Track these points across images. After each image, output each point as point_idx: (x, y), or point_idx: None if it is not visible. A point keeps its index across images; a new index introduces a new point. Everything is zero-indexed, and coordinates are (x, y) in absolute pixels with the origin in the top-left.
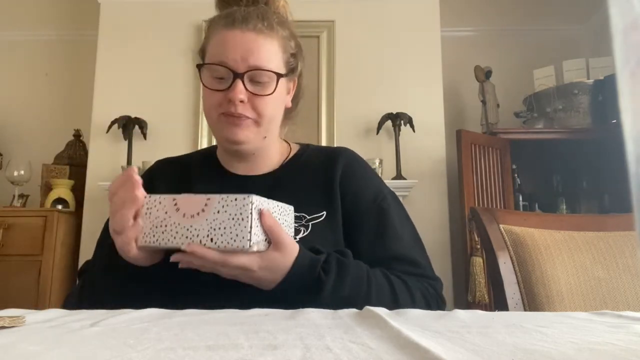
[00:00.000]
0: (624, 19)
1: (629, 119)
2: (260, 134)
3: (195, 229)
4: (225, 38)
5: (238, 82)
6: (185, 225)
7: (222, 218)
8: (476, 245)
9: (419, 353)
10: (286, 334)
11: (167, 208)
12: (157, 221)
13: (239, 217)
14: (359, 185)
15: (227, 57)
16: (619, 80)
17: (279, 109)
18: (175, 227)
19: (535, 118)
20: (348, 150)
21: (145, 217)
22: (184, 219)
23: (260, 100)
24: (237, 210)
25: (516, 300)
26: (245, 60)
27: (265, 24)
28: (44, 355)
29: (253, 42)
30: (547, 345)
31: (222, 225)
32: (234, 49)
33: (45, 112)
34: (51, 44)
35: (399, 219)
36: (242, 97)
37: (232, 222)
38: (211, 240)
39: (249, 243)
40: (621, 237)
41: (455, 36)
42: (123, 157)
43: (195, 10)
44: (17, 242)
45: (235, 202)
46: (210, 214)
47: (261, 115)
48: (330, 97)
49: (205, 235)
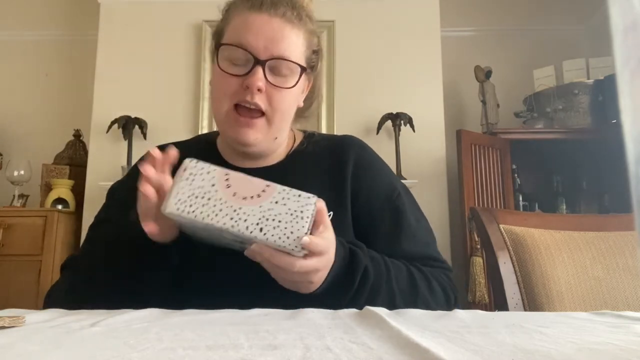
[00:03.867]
0: (624, 19)
1: (629, 119)
2: (272, 135)
3: (244, 213)
4: (249, 20)
5: (258, 68)
6: (233, 204)
7: (279, 210)
8: (476, 245)
9: (419, 353)
10: (286, 334)
11: (216, 181)
12: (199, 191)
13: (298, 214)
14: (372, 183)
15: (249, 42)
16: (619, 80)
17: (293, 107)
18: (221, 203)
19: (535, 118)
20: (356, 140)
21: (185, 182)
22: (234, 198)
23: (278, 93)
24: (298, 207)
25: (516, 300)
26: (268, 48)
27: (294, 13)
28: (44, 355)
29: (279, 30)
30: (547, 345)
31: (277, 218)
32: (258, 33)
33: (45, 112)
34: (51, 44)
35: (414, 216)
36: (260, 84)
37: (289, 217)
38: (260, 230)
39: (301, 245)
40: (621, 237)
41: (455, 36)
42: (123, 157)
43: (195, 10)
44: (17, 242)
45: (298, 199)
46: (266, 202)
47: (275, 109)
48: (330, 97)
49: (255, 222)
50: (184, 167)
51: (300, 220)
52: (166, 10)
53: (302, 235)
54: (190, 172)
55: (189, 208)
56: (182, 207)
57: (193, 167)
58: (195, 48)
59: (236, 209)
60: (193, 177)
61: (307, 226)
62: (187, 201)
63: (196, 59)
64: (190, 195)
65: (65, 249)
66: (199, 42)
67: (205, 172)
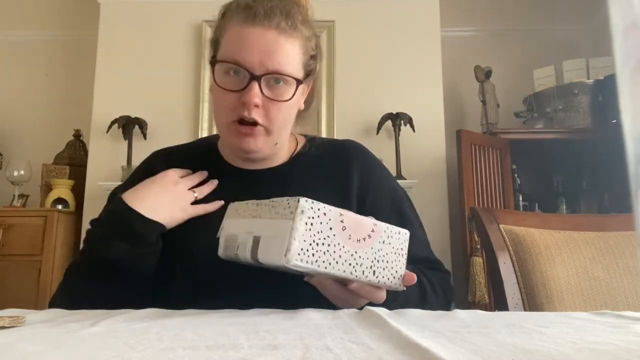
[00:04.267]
0: (624, 19)
1: (629, 119)
2: (271, 142)
3: (359, 257)
4: (243, 35)
5: (254, 84)
6: (349, 249)
7: (386, 250)
8: (476, 245)
9: (419, 353)
10: (286, 334)
11: (333, 224)
12: (319, 237)
13: (399, 252)
14: (377, 187)
15: (244, 57)
16: (619, 80)
17: (292, 115)
18: (340, 249)
19: (535, 118)
20: (358, 145)
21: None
22: (350, 241)
23: (275, 106)
24: (399, 245)
25: (516, 300)
26: (263, 63)
27: (289, 22)
28: (44, 355)
29: (274, 43)
30: (547, 345)
31: (385, 258)
32: (253, 49)
33: (45, 112)
34: (51, 44)
35: (416, 219)
36: (257, 101)
37: (395, 256)
38: (373, 273)
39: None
40: (621, 237)
41: (455, 36)
42: (123, 157)
43: (195, 10)
44: (17, 242)
45: (398, 236)
46: (375, 243)
47: (273, 122)
48: (330, 97)
49: (368, 266)
50: (301, 209)
51: (401, 258)
52: (166, 10)
53: (403, 273)
54: (309, 216)
55: (311, 258)
56: (305, 257)
57: (309, 208)
58: (195, 48)
59: (353, 254)
60: (312, 220)
61: (405, 263)
62: (310, 250)
63: (196, 59)
64: (311, 243)
65: (65, 249)
66: (199, 42)
67: (322, 214)
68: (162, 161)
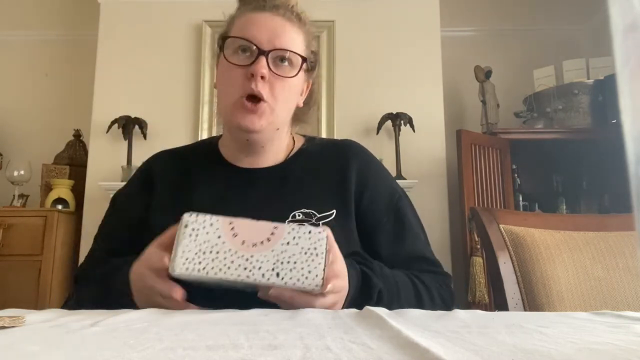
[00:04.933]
0: (624, 19)
1: (629, 119)
2: (274, 124)
3: (257, 260)
4: (253, 19)
5: (262, 58)
6: (244, 254)
7: (292, 251)
8: (476, 245)
9: (418, 353)
10: (286, 334)
11: (221, 232)
12: (205, 246)
13: (312, 252)
14: (376, 186)
15: (254, 35)
16: (619, 80)
17: (293, 99)
18: (231, 255)
19: (535, 118)
20: (357, 145)
21: (189, 239)
22: (243, 246)
23: (280, 83)
24: (311, 245)
25: (516, 300)
26: (271, 40)
27: (294, 14)
28: (44, 355)
29: (281, 26)
30: (547, 345)
31: (291, 259)
32: (262, 29)
33: (45, 112)
34: (51, 44)
35: (414, 218)
36: (264, 72)
37: (304, 256)
38: (277, 275)
39: (321, 282)
40: (621, 237)
41: (455, 36)
42: (123, 157)
43: (195, 10)
44: (17, 242)
45: (309, 235)
46: (277, 245)
47: (277, 98)
48: (330, 97)
49: (269, 268)
50: (185, 223)
51: (315, 258)
52: (166, 10)
53: (321, 273)
54: (192, 228)
55: (198, 265)
56: (191, 266)
57: (194, 221)
58: (195, 48)
59: (248, 258)
60: (196, 232)
61: (323, 263)
62: (195, 259)
63: (196, 59)
64: (197, 252)
65: (65, 249)
66: (199, 42)
67: (208, 225)
68: (161, 163)
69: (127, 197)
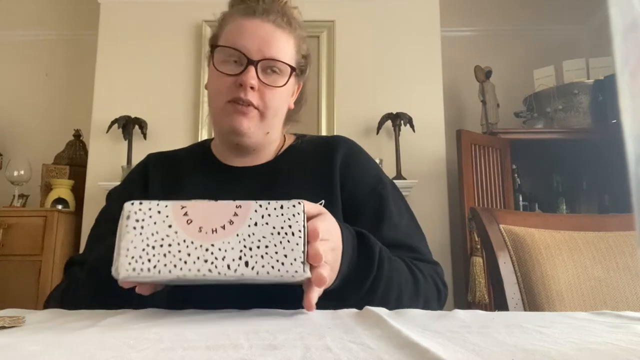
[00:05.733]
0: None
1: (629, 119)
2: (264, 129)
3: (219, 249)
4: (242, 25)
5: (251, 68)
6: (202, 243)
7: (262, 232)
8: (476, 245)
9: (418, 353)
10: (286, 334)
11: (172, 219)
12: (153, 239)
13: (287, 231)
14: (359, 172)
15: (243, 44)
16: (619, 80)
17: (284, 105)
18: (187, 246)
19: (535, 118)
20: (345, 138)
21: (133, 232)
22: (200, 234)
23: (269, 91)
24: (284, 222)
25: (516, 300)
26: (261, 49)
27: (285, 20)
28: (44, 355)
29: (271, 34)
30: (547, 345)
31: (262, 243)
32: (251, 37)
33: (45, 112)
34: (51, 44)
35: (397, 207)
36: (253, 82)
37: (278, 237)
38: (246, 264)
39: (302, 267)
40: (621, 237)
41: (455, 36)
42: (123, 157)
43: (195, 10)
44: (17, 242)
45: (280, 211)
46: (242, 227)
47: (267, 106)
48: (330, 97)
49: (235, 257)
50: (126, 215)
51: (292, 238)
52: (166, 10)
53: (300, 256)
54: (135, 219)
55: (147, 264)
56: (138, 266)
57: (137, 210)
58: (195, 48)
59: (208, 248)
60: (141, 223)
61: (302, 243)
62: (143, 256)
63: (196, 59)
64: (145, 248)
65: (65, 249)
66: (199, 42)
67: (155, 212)
68: (155, 163)
69: (123, 190)
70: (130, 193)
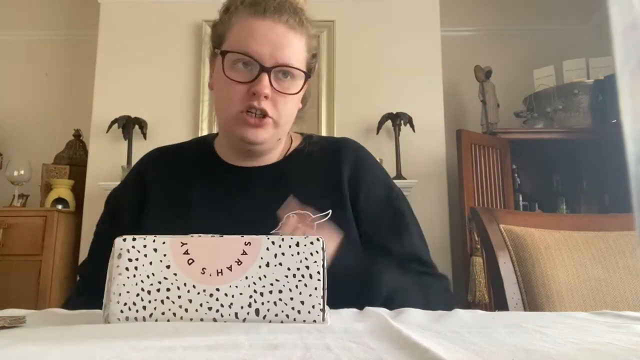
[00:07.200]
0: (624, 19)
1: (629, 119)
2: (277, 136)
3: (225, 295)
4: (253, 27)
5: (264, 75)
6: (206, 288)
7: (275, 275)
8: (476, 245)
9: (418, 353)
10: (286, 334)
11: (171, 258)
12: (149, 283)
13: (304, 273)
14: (372, 182)
15: (255, 49)
16: (619, 80)
17: (296, 110)
18: (188, 291)
19: (535, 118)
20: (352, 142)
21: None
22: (203, 277)
23: (282, 99)
24: (300, 263)
25: (516, 300)
26: (273, 55)
27: (296, 19)
28: (44, 355)
29: (284, 36)
30: (547, 345)
31: (274, 288)
32: (263, 40)
33: (45, 112)
34: (51, 44)
35: (412, 219)
36: (267, 92)
37: (294, 281)
38: (256, 312)
39: (322, 315)
40: (621, 237)
41: (455, 36)
42: (123, 157)
43: (195, 10)
44: (17, 242)
45: (297, 249)
46: (252, 269)
47: (281, 114)
48: (330, 97)
49: (245, 303)
50: (117, 253)
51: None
52: (166, 10)
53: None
54: (128, 258)
55: (142, 312)
56: (132, 315)
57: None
58: (195, 48)
59: (212, 293)
60: (135, 263)
61: (320, 288)
62: (138, 302)
63: (196, 59)
64: (139, 293)
65: (65, 249)
66: (199, 42)
67: (151, 250)
68: (153, 161)
69: (120, 198)
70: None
